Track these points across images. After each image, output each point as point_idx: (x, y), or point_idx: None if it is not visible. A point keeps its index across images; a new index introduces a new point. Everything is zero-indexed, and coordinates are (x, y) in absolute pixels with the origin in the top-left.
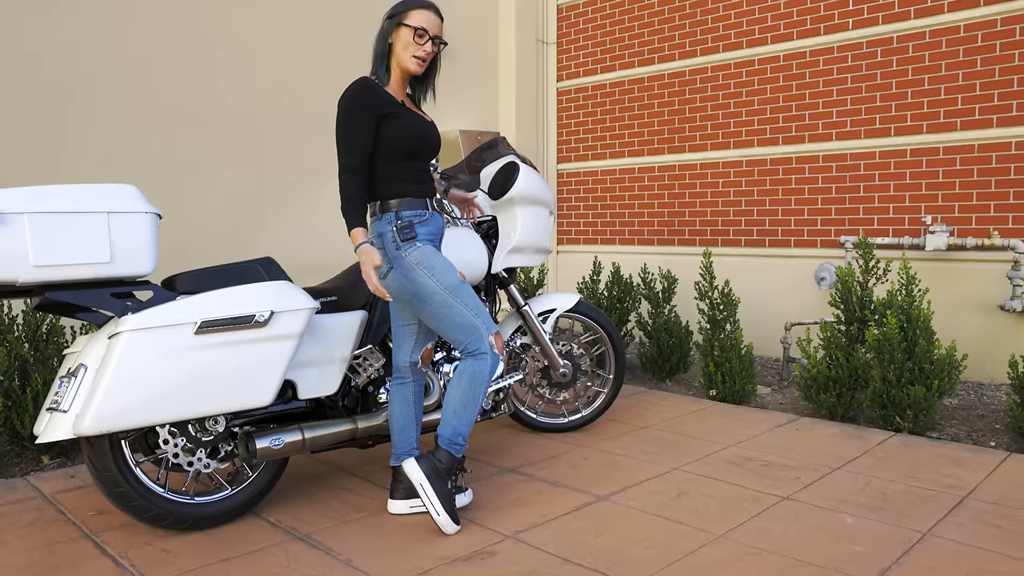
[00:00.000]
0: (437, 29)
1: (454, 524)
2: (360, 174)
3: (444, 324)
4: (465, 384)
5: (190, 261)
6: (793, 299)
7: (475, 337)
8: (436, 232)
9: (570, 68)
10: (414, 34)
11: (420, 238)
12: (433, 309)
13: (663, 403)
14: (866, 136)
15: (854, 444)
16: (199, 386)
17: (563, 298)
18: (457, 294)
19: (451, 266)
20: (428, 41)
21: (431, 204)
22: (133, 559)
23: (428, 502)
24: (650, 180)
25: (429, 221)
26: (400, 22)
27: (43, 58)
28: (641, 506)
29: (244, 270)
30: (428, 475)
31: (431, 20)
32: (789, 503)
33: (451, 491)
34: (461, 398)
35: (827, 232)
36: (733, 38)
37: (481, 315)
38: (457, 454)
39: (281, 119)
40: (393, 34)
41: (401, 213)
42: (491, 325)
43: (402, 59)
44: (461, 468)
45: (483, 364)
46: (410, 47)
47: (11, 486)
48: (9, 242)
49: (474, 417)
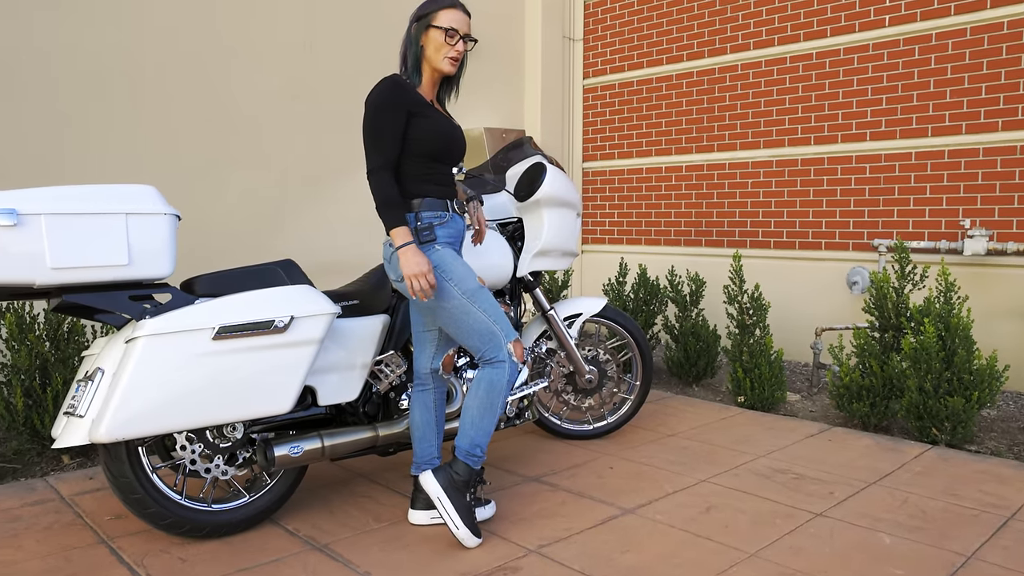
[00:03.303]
0: (467, 27)
1: (475, 537)
2: (391, 173)
3: (462, 330)
4: (482, 394)
5: (209, 262)
6: (823, 303)
7: (493, 344)
8: (456, 235)
9: (597, 65)
10: (445, 35)
11: (440, 240)
12: (451, 315)
13: (690, 409)
14: (902, 136)
15: (889, 457)
16: (217, 393)
17: (590, 302)
18: (476, 300)
19: (470, 271)
20: (459, 40)
21: (451, 206)
22: (149, 567)
23: (447, 516)
24: (677, 180)
25: (449, 223)
26: (429, 24)
27: (64, 58)
28: (669, 520)
29: (264, 273)
30: (445, 488)
31: (460, 19)
32: (823, 520)
33: (470, 504)
34: (478, 408)
35: (859, 235)
36: (764, 35)
37: (500, 322)
38: (475, 466)
39: (298, 118)
40: (423, 36)
41: (421, 214)
42: (510, 332)
43: (435, 61)
44: (480, 480)
45: (501, 372)
46: (442, 48)
47: (30, 487)
48: (26, 243)
49: (492, 428)
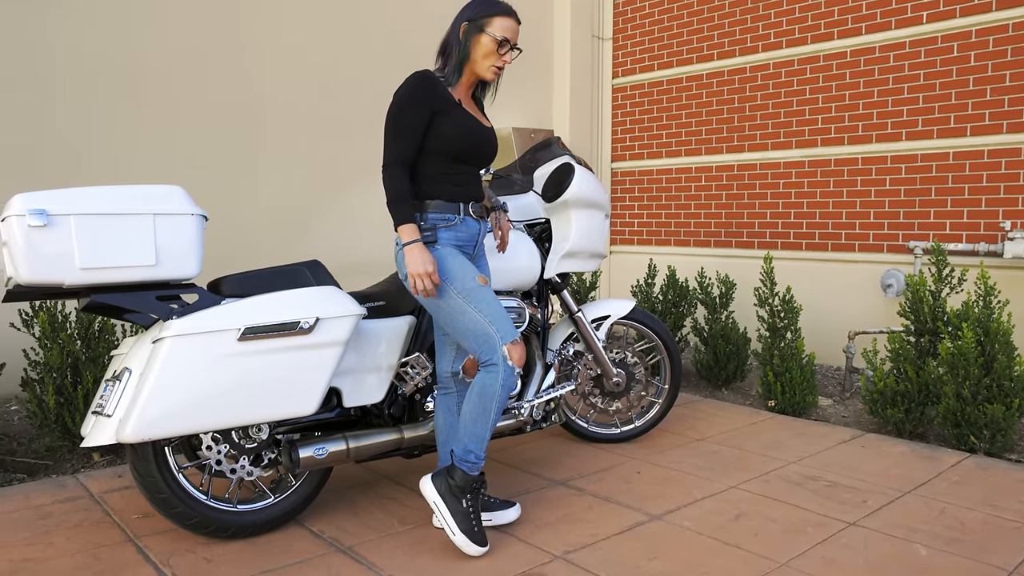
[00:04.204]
0: (517, 37)
1: (474, 545)
2: (407, 169)
3: (458, 331)
4: (475, 398)
5: (238, 262)
6: (856, 306)
7: (487, 346)
8: (466, 239)
9: (626, 64)
10: (497, 45)
11: (440, 242)
12: (447, 315)
13: (719, 413)
14: (939, 136)
15: (925, 465)
16: (242, 394)
17: (618, 304)
18: (472, 299)
19: (469, 270)
20: (509, 51)
21: (466, 209)
22: (175, 567)
23: (443, 521)
24: (707, 180)
25: (458, 227)
26: (482, 29)
27: (97, 58)
28: (697, 527)
29: (291, 273)
30: (442, 493)
31: (513, 28)
32: (856, 529)
33: (468, 510)
34: (470, 414)
35: (894, 237)
36: (797, 33)
37: (496, 323)
38: (471, 472)
39: (327, 119)
40: (473, 39)
41: (427, 215)
42: (508, 334)
43: (479, 67)
44: (480, 486)
45: (494, 376)
46: (490, 57)
47: (61, 484)
48: (56, 244)
49: (486, 434)
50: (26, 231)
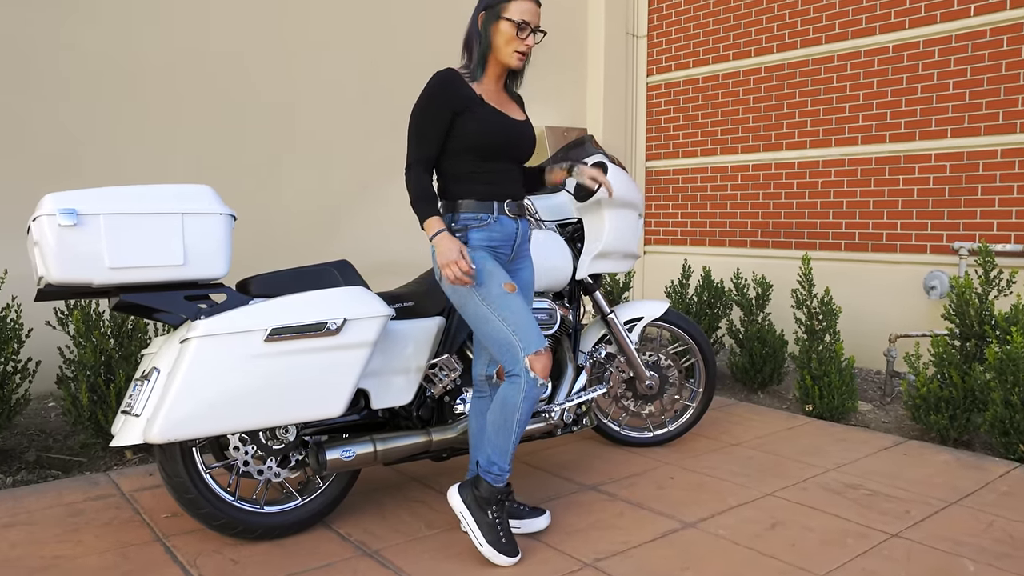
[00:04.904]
0: (537, 19)
1: (502, 555)
2: (429, 168)
3: (484, 339)
4: (497, 410)
5: (268, 261)
6: (898, 309)
7: (510, 356)
8: (501, 239)
9: (661, 62)
10: (516, 29)
11: (472, 243)
12: (472, 321)
13: (755, 417)
14: (986, 133)
15: (971, 475)
16: (269, 395)
17: (651, 305)
18: (496, 307)
19: (496, 276)
20: (530, 34)
21: (500, 208)
22: (202, 568)
23: (470, 532)
24: (744, 179)
25: (492, 226)
26: (499, 15)
27: (131, 58)
28: (732, 536)
29: (319, 273)
30: (468, 504)
31: (531, 10)
32: (898, 541)
33: (493, 521)
34: (493, 425)
35: (938, 237)
36: (837, 28)
37: (521, 332)
38: (495, 483)
39: (358, 120)
40: (492, 28)
41: (459, 215)
42: (532, 344)
43: (503, 55)
44: (505, 497)
45: (515, 388)
46: (512, 43)
47: (94, 481)
48: (86, 243)
49: (508, 447)
50: (57, 231)
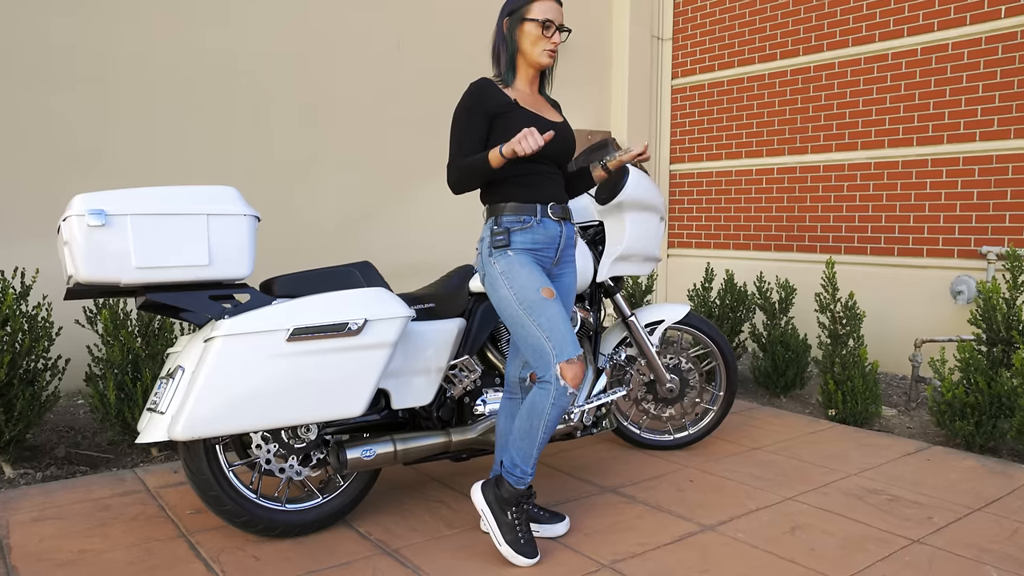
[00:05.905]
0: (560, 17)
1: (520, 556)
2: None
3: (519, 342)
4: (525, 414)
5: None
6: (924, 313)
7: (542, 362)
8: (544, 242)
9: (686, 65)
10: (541, 28)
11: (514, 246)
12: (508, 324)
13: (776, 422)
14: (1016, 136)
15: (997, 481)
16: (290, 394)
17: (672, 309)
18: (532, 312)
19: (536, 280)
20: (555, 32)
21: (544, 211)
22: (224, 564)
23: (491, 531)
24: (768, 183)
25: (535, 229)
26: (523, 17)
27: (160, 60)
28: (751, 540)
29: (341, 274)
30: (489, 503)
31: (553, 9)
32: (921, 547)
33: (513, 522)
34: (519, 429)
35: (966, 241)
36: (864, 31)
37: (554, 339)
38: (517, 485)
39: (385, 121)
40: (517, 31)
41: (501, 218)
42: (564, 352)
43: (532, 55)
44: (526, 500)
45: (545, 394)
46: (539, 42)
47: (121, 477)
48: (114, 243)
49: (533, 451)
50: (86, 231)
